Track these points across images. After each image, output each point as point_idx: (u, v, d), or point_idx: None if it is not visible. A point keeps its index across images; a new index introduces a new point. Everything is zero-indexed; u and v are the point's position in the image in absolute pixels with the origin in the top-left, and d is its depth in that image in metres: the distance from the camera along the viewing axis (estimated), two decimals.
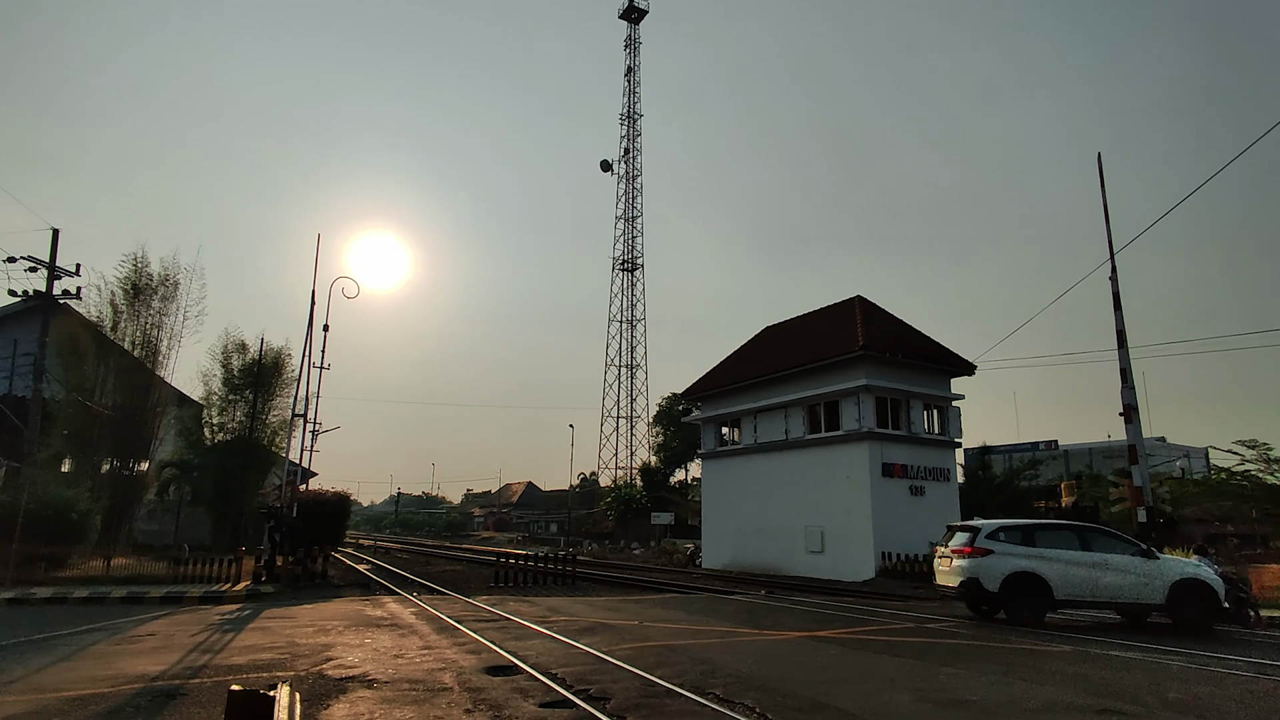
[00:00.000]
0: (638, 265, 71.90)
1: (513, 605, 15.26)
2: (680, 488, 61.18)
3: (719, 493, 32.59)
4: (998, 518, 44.49)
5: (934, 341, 29.00)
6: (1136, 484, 18.70)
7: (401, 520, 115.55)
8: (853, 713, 6.60)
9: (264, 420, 31.64)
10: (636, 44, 74.18)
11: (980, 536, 13.44)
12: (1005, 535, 13.61)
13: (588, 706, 6.59)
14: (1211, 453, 46.47)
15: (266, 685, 6.78)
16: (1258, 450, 33.58)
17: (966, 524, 14.69)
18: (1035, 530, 13.86)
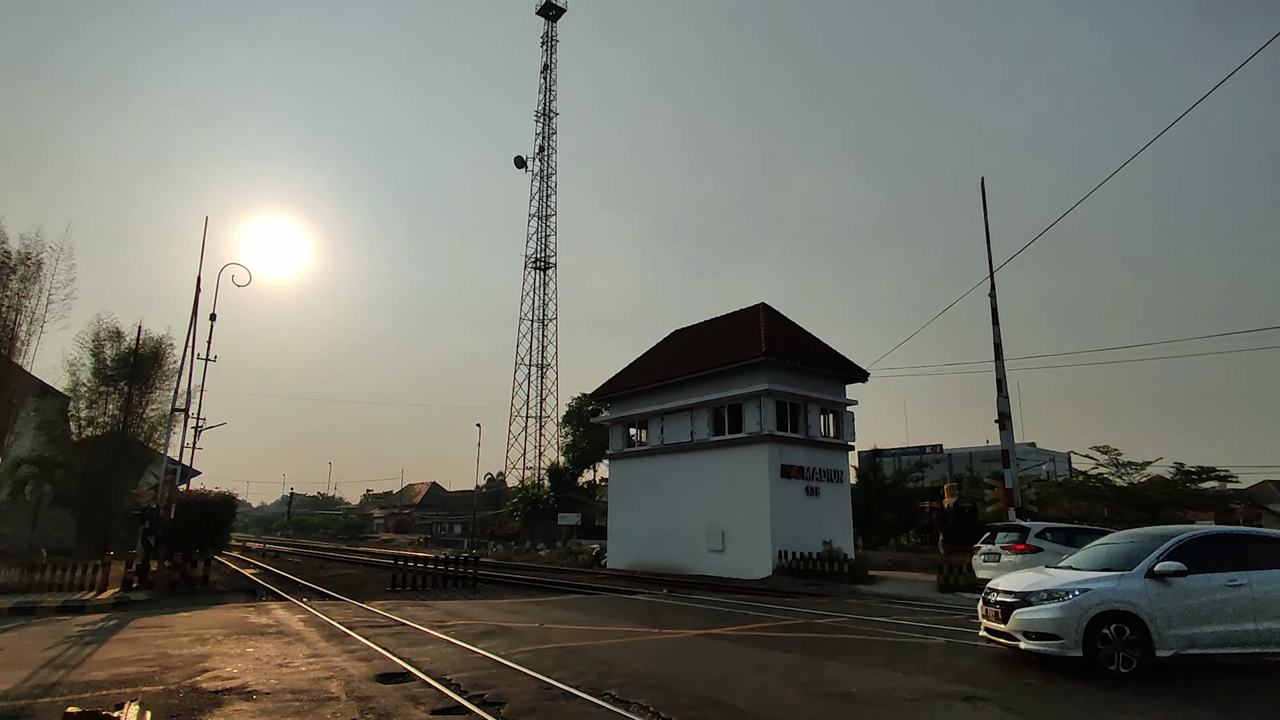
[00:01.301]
0: (550, 264, 71.43)
1: (409, 610, 14.85)
2: (588, 488, 61.18)
3: (625, 493, 32.82)
4: (887, 517, 46.73)
5: (832, 349, 30.30)
6: (1008, 486, 20.24)
7: (295, 522, 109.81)
8: (743, 708, 6.83)
9: (140, 415, 29.40)
10: (554, 41, 73.72)
11: (1031, 535, 14.59)
12: (1051, 535, 14.94)
13: (481, 712, 6.53)
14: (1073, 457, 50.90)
15: (113, 705, 6.35)
16: (1110, 455, 37.12)
17: (1015, 524, 15.61)
18: (1075, 532, 15.20)
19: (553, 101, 73.21)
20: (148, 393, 29.59)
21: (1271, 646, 8.20)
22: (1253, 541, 8.78)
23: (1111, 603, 8.03)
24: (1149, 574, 8.19)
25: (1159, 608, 8.02)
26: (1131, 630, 7.96)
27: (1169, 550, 8.41)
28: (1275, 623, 8.14)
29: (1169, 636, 7.95)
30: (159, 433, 28.86)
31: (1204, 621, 8.07)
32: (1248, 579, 8.24)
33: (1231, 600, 8.15)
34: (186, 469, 30.49)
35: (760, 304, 31.56)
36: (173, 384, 27.70)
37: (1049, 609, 8.14)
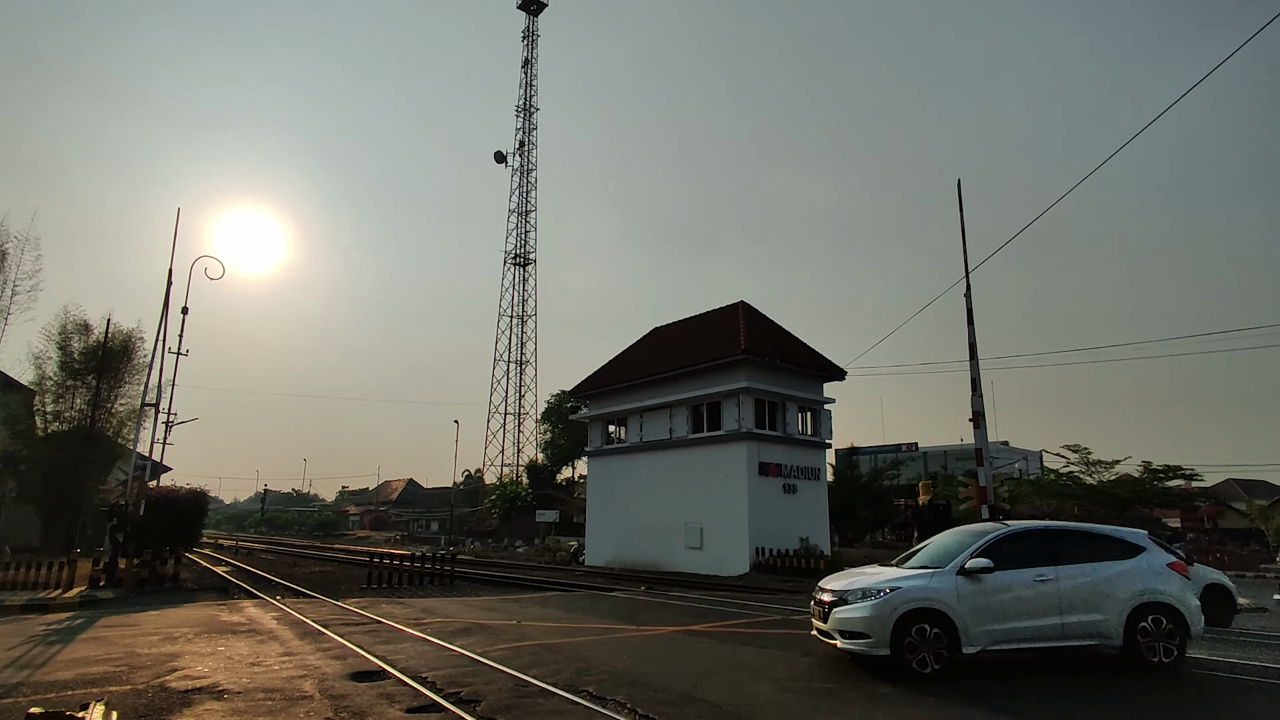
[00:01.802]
0: (530, 260, 71.10)
1: (385, 608, 14.71)
2: (567, 485, 61.04)
3: (604, 490, 32.81)
4: (863, 515, 47.11)
5: (810, 348, 30.52)
6: (982, 484, 20.48)
7: (269, 519, 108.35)
8: (719, 704, 6.86)
9: (109, 409, 28.77)
10: (535, 36, 73.32)
11: None
12: None
13: (457, 710, 6.49)
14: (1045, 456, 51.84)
15: (78, 705, 6.22)
16: (1080, 454, 37.89)
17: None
18: None
19: (533, 97, 72.89)
20: (116, 387, 28.96)
21: (1076, 640, 8.22)
22: (1065, 536, 8.80)
23: (920, 601, 7.96)
24: (960, 571, 8.15)
25: (967, 605, 7.99)
26: (939, 628, 7.88)
27: (981, 547, 8.39)
28: (1080, 616, 8.16)
29: (975, 633, 7.94)
30: (128, 428, 28.25)
31: (1011, 617, 8.07)
32: (1056, 574, 8.27)
33: (1039, 595, 8.17)
34: (156, 465, 29.91)
35: (739, 302, 31.69)
36: (142, 378, 27.20)
37: (860, 608, 8.07)
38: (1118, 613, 8.17)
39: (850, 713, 6.67)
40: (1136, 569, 8.40)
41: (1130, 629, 8.17)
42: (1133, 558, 8.51)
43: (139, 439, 21.38)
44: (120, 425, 28.98)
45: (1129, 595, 8.22)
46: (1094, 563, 8.41)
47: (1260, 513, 52.58)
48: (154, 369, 20.98)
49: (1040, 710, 6.86)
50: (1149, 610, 8.21)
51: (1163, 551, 8.72)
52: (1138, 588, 8.26)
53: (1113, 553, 8.54)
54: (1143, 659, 8.10)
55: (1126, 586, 8.26)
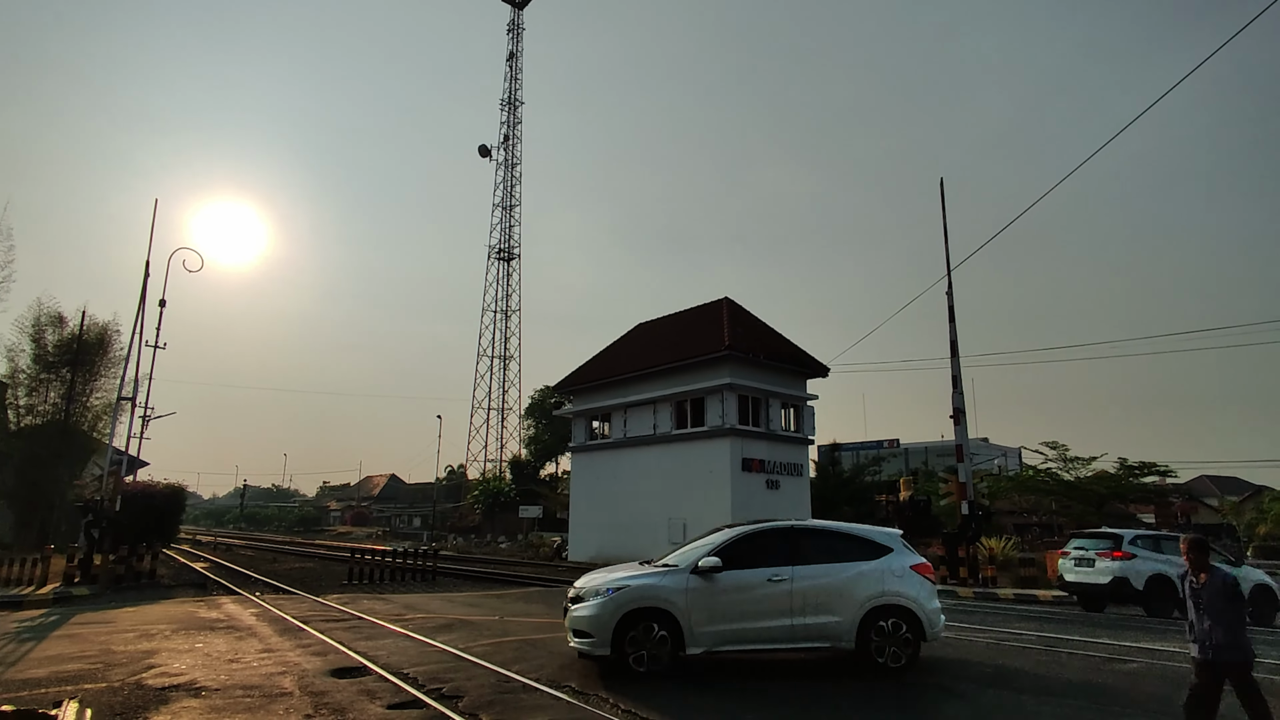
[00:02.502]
0: (515, 255, 70.77)
1: (366, 604, 14.62)
2: (550, 481, 60.91)
3: (588, 486, 32.80)
4: (845, 511, 47.49)
5: (793, 344, 30.67)
6: (962, 480, 20.75)
7: (248, 515, 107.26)
8: (702, 700, 6.90)
9: (84, 403, 28.33)
10: (520, 30, 72.86)
11: (1125, 543, 15.12)
12: (1140, 542, 15.35)
13: (439, 705, 6.46)
14: (1024, 452, 52.52)
15: (51, 703, 6.13)
16: (1058, 451, 38.39)
17: (1105, 530, 16.16)
18: (1160, 539, 15.73)
19: (518, 91, 72.47)
20: (92, 380, 28.51)
21: (807, 642, 7.93)
22: (812, 536, 8.45)
23: (645, 600, 7.66)
24: (694, 570, 7.86)
25: (696, 604, 7.69)
26: (664, 628, 7.60)
27: (719, 545, 8.13)
28: (813, 618, 7.84)
29: (702, 634, 7.65)
30: (104, 422, 27.81)
31: (741, 618, 7.77)
32: (792, 574, 7.94)
33: (771, 596, 7.85)
34: (133, 460, 29.45)
35: (724, 299, 31.77)
36: (119, 371, 26.76)
37: (588, 606, 7.78)
38: (852, 615, 7.87)
39: (832, 708, 6.71)
40: (877, 571, 8.10)
41: (864, 631, 7.86)
42: (876, 559, 8.22)
43: (115, 433, 21.08)
44: (96, 419, 28.55)
45: (866, 597, 7.93)
46: (834, 563, 8.12)
47: (1232, 509, 53.70)
48: (131, 362, 20.65)
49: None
50: (886, 613, 7.93)
51: (909, 553, 8.44)
52: (876, 590, 7.98)
53: (857, 554, 8.26)
54: (874, 663, 7.82)
55: (865, 588, 7.98)
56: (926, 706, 6.85)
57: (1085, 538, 16.29)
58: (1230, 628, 5.11)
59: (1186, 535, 5.75)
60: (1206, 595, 5.24)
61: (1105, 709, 6.72)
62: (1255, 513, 49.70)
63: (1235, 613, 5.15)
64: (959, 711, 6.56)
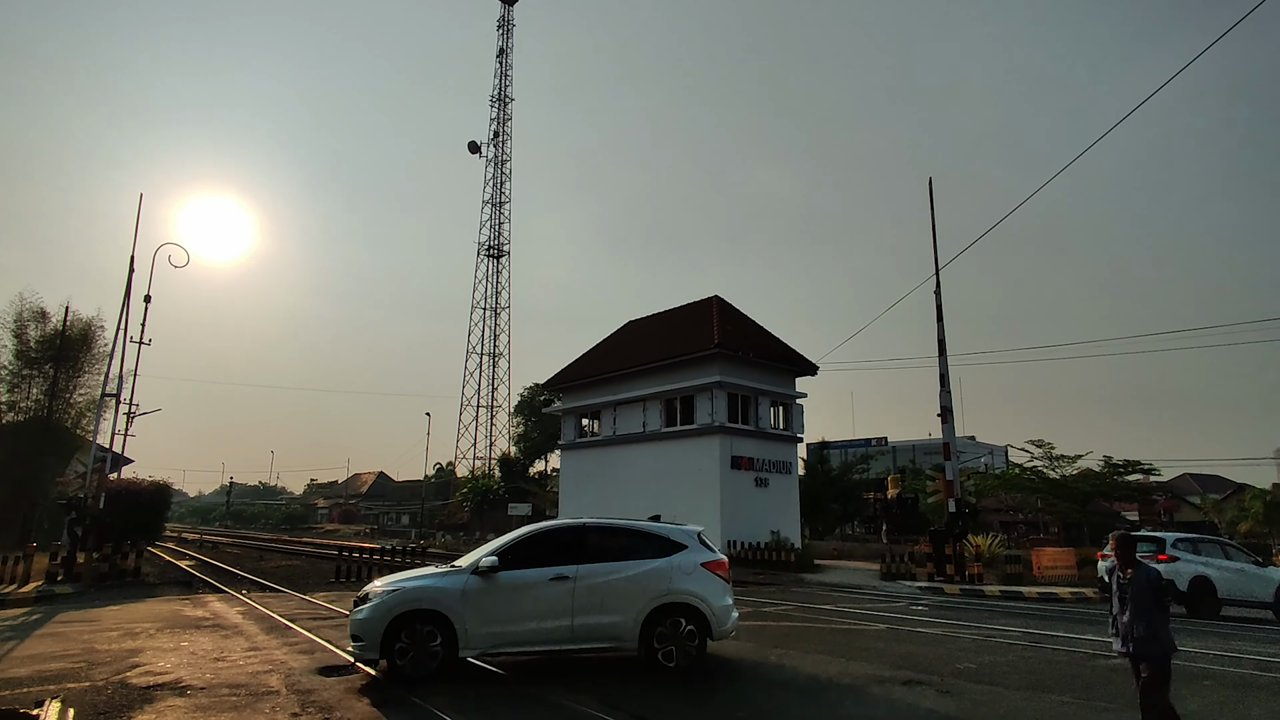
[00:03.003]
0: (504, 252, 70.52)
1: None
2: (539, 478, 60.82)
3: (577, 483, 32.77)
4: (833, 508, 47.44)
5: (782, 342, 30.74)
6: (949, 478, 20.88)
7: (234, 512, 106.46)
8: (688, 696, 6.92)
9: (67, 400, 27.99)
10: (510, 26, 72.51)
11: (1168, 546, 15.36)
12: (1182, 545, 15.63)
13: (425, 704, 6.45)
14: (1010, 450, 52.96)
15: (33, 703, 6.06)
16: (1044, 449, 38.73)
17: (1147, 533, 16.37)
18: (1198, 542, 16.07)
19: (508, 87, 72.13)
20: (75, 377, 28.16)
21: (589, 643, 7.67)
22: (603, 534, 8.19)
23: (417, 602, 7.36)
24: (475, 570, 7.59)
25: (473, 606, 7.40)
26: (438, 631, 7.31)
27: (503, 545, 7.94)
28: (595, 618, 7.59)
29: (477, 636, 7.38)
30: (87, 419, 27.48)
31: (518, 619, 7.51)
32: (575, 573, 7.70)
33: (552, 596, 7.61)
34: (117, 457, 29.18)
35: (713, 297, 31.80)
36: (103, 368, 26.44)
37: (362, 610, 7.47)
38: (635, 614, 7.66)
39: (817, 704, 6.75)
40: (665, 568, 7.91)
41: (647, 631, 7.68)
42: (667, 557, 8.02)
43: (99, 430, 20.85)
44: (79, 416, 28.21)
45: (651, 596, 7.74)
46: (622, 562, 7.90)
47: (1214, 507, 54.40)
48: (115, 358, 20.44)
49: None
50: (670, 611, 7.77)
51: (704, 550, 8.22)
52: (662, 588, 7.79)
53: (648, 551, 8.05)
54: (657, 662, 7.64)
55: (650, 587, 7.79)
56: (915, 701, 6.89)
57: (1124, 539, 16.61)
58: (1151, 622, 5.15)
59: (1116, 531, 5.81)
60: (1132, 590, 5.30)
61: (1089, 704, 6.80)
62: (1236, 510, 50.38)
63: (1157, 608, 5.19)
64: (946, 707, 6.61)
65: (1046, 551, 22.40)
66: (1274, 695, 7.44)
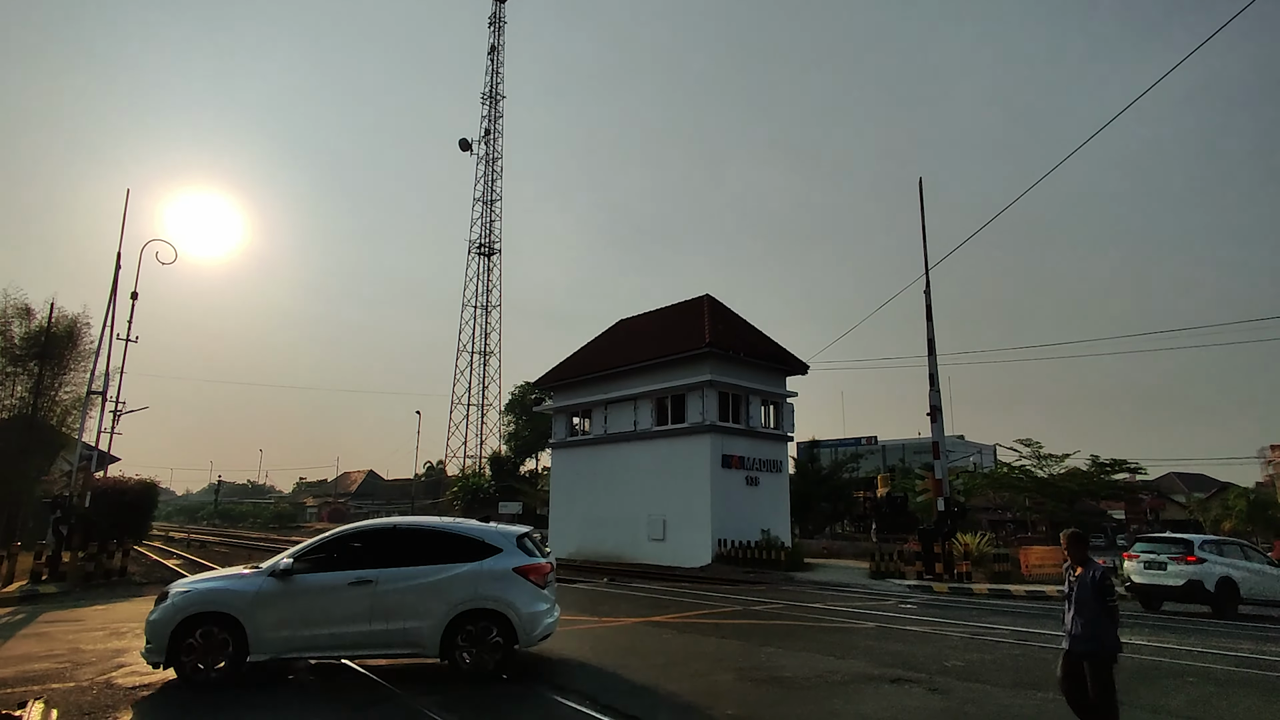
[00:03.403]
0: (495, 250, 70.32)
1: None
2: (530, 477, 60.72)
3: (568, 482, 32.74)
4: (823, 507, 47.52)
5: (773, 342, 30.81)
6: (938, 477, 21.00)
7: (222, 511, 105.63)
8: (679, 694, 6.93)
9: (53, 397, 27.66)
10: (501, 24, 72.26)
11: (1196, 548, 15.65)
12: (1208, 547, 15.93)
13: (416, 703, 6.43)
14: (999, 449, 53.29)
15: (15, 703, 6.00)
16: (1032, 448, 39.05)
17: (1173, 535, 16.95)
18: (1220, 544, 16.41)
19: (500, 85, 71.88)
20: (61, 374, 27.81)
21: (387, 649, 7.40)
22: (417, 535, 7.93)
23: (207, 604, 7.14)
24: (272, 572, 7.42)
25: (266, 608, 7.19)
26: (227, 634, 7.07)
27: (307, 547, 7.78)
28: (395, 623, 7.33)
29: (269, 640, 7.13)
30: (73, 417, 27.18)
31: (314, 623, 7.27)
32: (378, 576, 7.44)
33: (352, 599, 7.34)
34: (104, 455, 28.92)
35: (704, 296, 31.81)
36: (89, 365, 26.16)
37: (154, 612, 7.22)
38: (438, 620, 7.36)
39: (807, 701, 6.79)
40: (474, 573, 7.60)
41: (450, 636, 7.39)
42: (479, 560, 7.70)
43: (85, 428, 20.68)
44: (65, 414, 27.88)
45: (456, 601, 7.44)
46: (430, 565, 7.60)
47: (1199, 505, 54.95)
48: (101, 356, 20.26)
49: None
50: (475, 617, 7.46)
51: (519, 555, 7.87)
52: (467, 593, 7.48)
53: (460, 555, 7.74)
54: (459, 668, 7.37)
55: (455, 591, 7.48)
56: (904, 698, 6.93)
57: (1153, 542, 17.08)
58: (1091, 621, 5.18)
59: (1067, 530, 5.81)
60: (1078, 588, 5.32)
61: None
62: (1220, 509, 50.90)
63: (1102, 607, 5.20)
64: (934, 704, 6.64)
65: (1034, 550, 22.58)
66: (1257, 692, 7.52)
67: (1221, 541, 16.92)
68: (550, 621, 7.92)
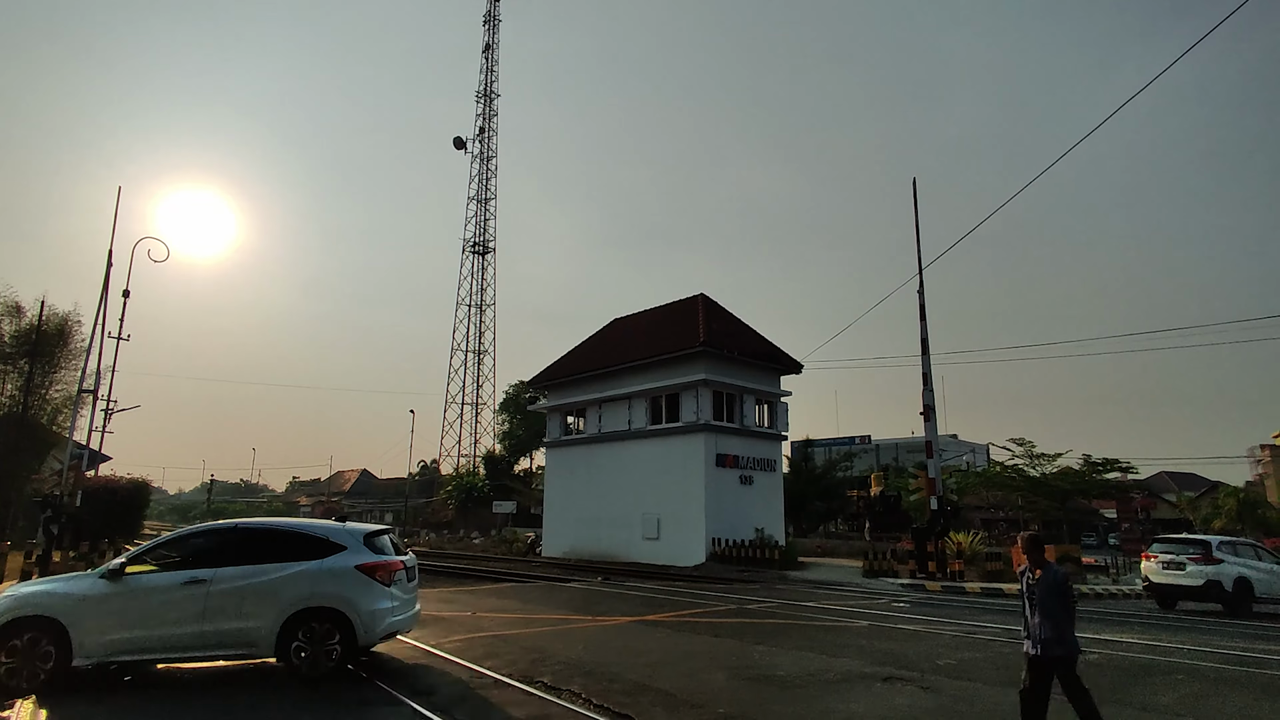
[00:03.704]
0: (489, 248, 70.20)
1: None
2: (524, 476, 60.67)
3: (562, 481, 32.72)
4: (817, 505, 47.66)
5: (768, 341, 30.85)
6: (931, 476, 21.08)
7: (215, 510, 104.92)
8: (673, 693, 6.94)
9: (43, 395, 27.50)
10: (496, 21, 72.10)
11: (1214, 549, 16.00)
12: (1224, 548, 16.30)
13: (410, 702, 6.43)
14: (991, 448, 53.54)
15: (2, 702, 5.97)
16: (1025, 447, 39.22)
17: (1190, 537, 17.43)
18: (1236, 545, 16.83)
19: (494, 83, 71.74)
20: (51, 372, 27.67)
21: (221, 651, 7.20)
22: (251, 534, 7.77)
23: (28, 608, 6.90)
24: (104, 573, 7.20)
25: (93, 611, 6.95)
26: (50, 639, 6.80)
27: (144, 548, 7.63)
28: (228, 624, 7.14)
29: (94, 644, 6.90)
30: (64, 415, 27.05)
31: (146, 624, 7.03)
32: (213, 576, 7.25)
33: (184, 600, 7.13)
34: (95, 454, 28.76)
35: (699, 295, 31.83)
36: (80, 363, 26.04)
37: None
38: (273, 620, 7.20)
39: (800, 700, 6.81)
40: (314, 571, 7.44)
41: (285, 637, 7.20)
42: (321, 559, 7.55)
43: (76, 427, 20.54)
44: (55, 412, 27.74)
45: (291, 600, 7.28)
46: (265, 565, 7.43)
47: (1189, 504, 55.24)
48: (92, 354, 20.17)
49: None
50: (312, 616, 7.29)
51: (365, 552, 7.71)
52: (304, 592, 7.32)
53: (301, 553, 7.58)
54: (295, 669, 7.19)
55: (294, 590, 7.33)
56: (896, 697, 6.96)
57: (1171, 543, 17.44)
58: (1057, 624, 5.17)
59: (1023, 532, 5.79)
60: (1039, 591, 5.29)
61: (1064, 699, 6.90)
62: (1211, 508, 51.15)
63: (1064, 609, 5.21)
64: (926, 702, 6.68)
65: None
66: (1247, 689, 7.58)
67: (1236, 543, 17.32)
68: (396, 620, 7.71)
